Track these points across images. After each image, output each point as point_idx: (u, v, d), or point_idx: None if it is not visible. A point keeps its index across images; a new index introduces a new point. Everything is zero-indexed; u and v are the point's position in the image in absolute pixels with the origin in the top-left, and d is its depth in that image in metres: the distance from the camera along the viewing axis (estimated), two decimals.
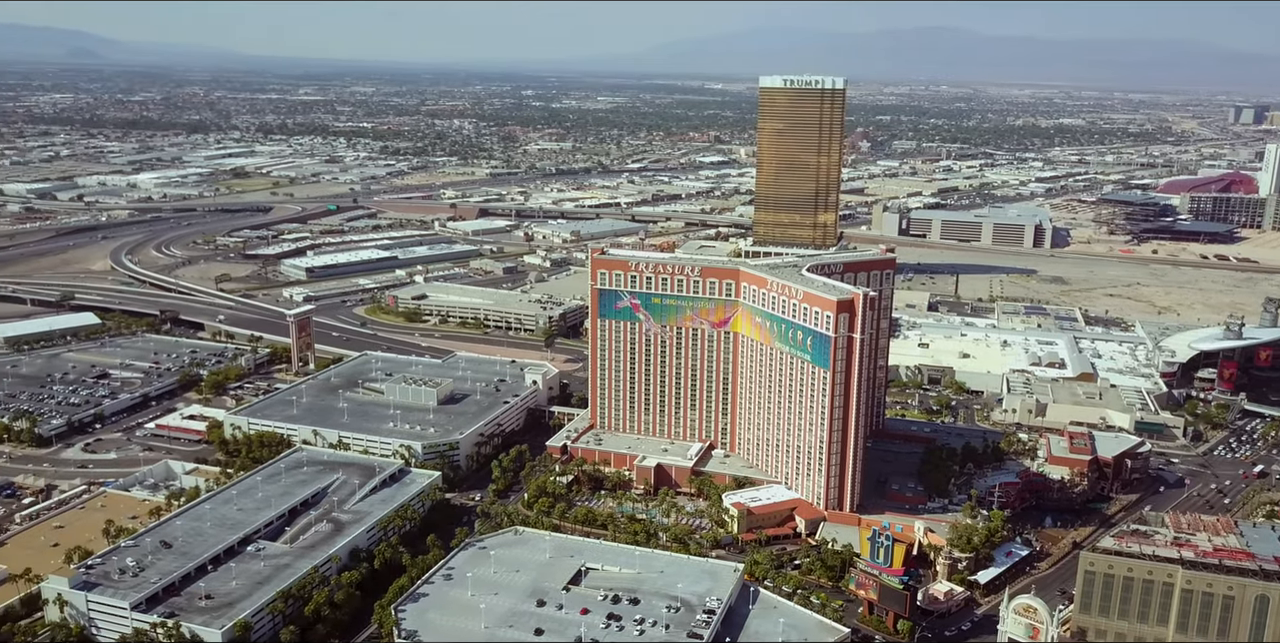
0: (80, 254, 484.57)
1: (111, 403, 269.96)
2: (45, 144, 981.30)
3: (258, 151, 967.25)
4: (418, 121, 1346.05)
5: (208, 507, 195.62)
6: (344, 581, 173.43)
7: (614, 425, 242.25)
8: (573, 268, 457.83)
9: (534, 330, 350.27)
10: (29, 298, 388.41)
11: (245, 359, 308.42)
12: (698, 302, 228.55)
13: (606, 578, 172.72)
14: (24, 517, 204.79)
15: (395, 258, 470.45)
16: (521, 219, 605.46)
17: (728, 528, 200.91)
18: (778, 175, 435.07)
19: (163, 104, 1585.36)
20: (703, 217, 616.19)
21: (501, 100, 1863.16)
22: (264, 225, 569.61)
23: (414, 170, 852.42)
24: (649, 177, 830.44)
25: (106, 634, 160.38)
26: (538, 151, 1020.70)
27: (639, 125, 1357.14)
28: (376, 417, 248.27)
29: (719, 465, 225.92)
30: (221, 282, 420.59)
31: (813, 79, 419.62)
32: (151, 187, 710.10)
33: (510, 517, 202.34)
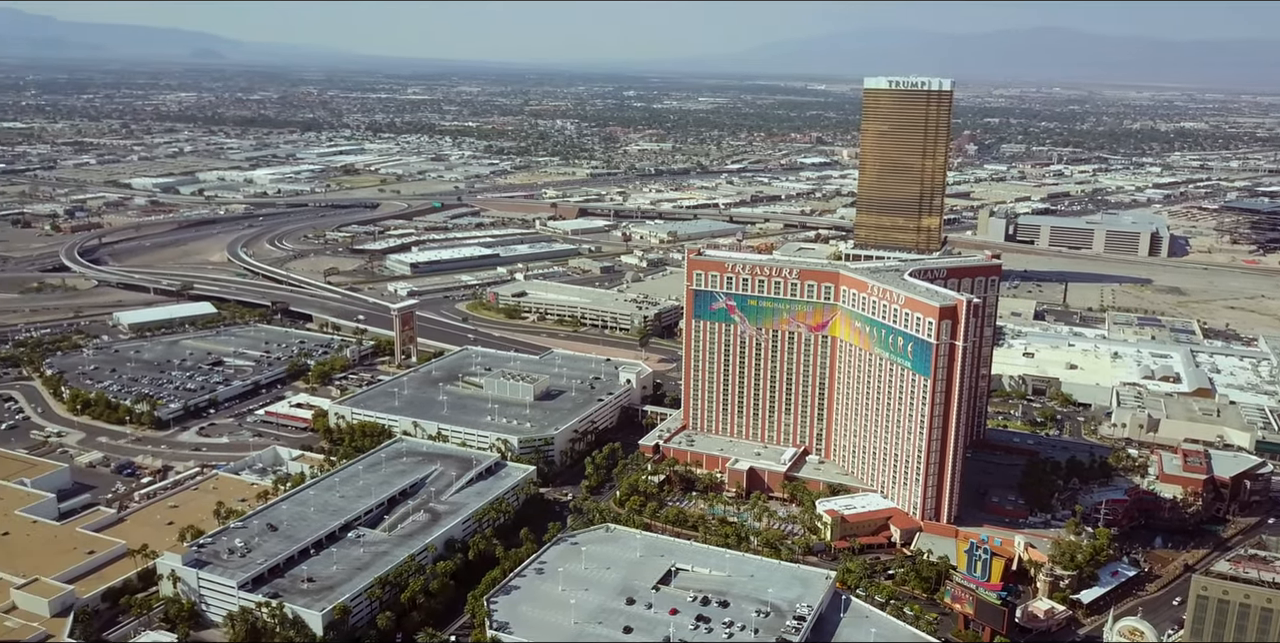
0: (199, 246, 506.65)
1: (225, 389, 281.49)
2: (170, 141, 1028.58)
3: (367, 149, 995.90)
4: (521, 121, 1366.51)
5: (312, 493, 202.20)
6: (439, 570, 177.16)
7: (707, 427, 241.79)
8: (669, 268, 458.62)
9: (629, 330, 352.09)
10: (152, 287, 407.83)
11: (350, 351, 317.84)
12: (795, 305, 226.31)
13: (696, 579, 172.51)
14: (143, 495, 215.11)
15: (497, 255, 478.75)
16: (620, 219, 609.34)
17: (820, 535, 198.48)
18: (881, 178, 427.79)
19: (279, 103, 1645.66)
20: (802, 218, 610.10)
21: (604, 101, 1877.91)
22: (371, 221, 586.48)
23: (516, 170, 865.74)
24: (748, 177, 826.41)
25: (215, 611, 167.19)
26: (638, 152, 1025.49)
27: (740, 126, 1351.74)
28: (475, 410, 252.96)
29: (813, 472, 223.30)
30: (330, 275, 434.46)
31: (919, 80, 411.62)
32: (267, 182, 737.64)
33: (602, 514, 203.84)
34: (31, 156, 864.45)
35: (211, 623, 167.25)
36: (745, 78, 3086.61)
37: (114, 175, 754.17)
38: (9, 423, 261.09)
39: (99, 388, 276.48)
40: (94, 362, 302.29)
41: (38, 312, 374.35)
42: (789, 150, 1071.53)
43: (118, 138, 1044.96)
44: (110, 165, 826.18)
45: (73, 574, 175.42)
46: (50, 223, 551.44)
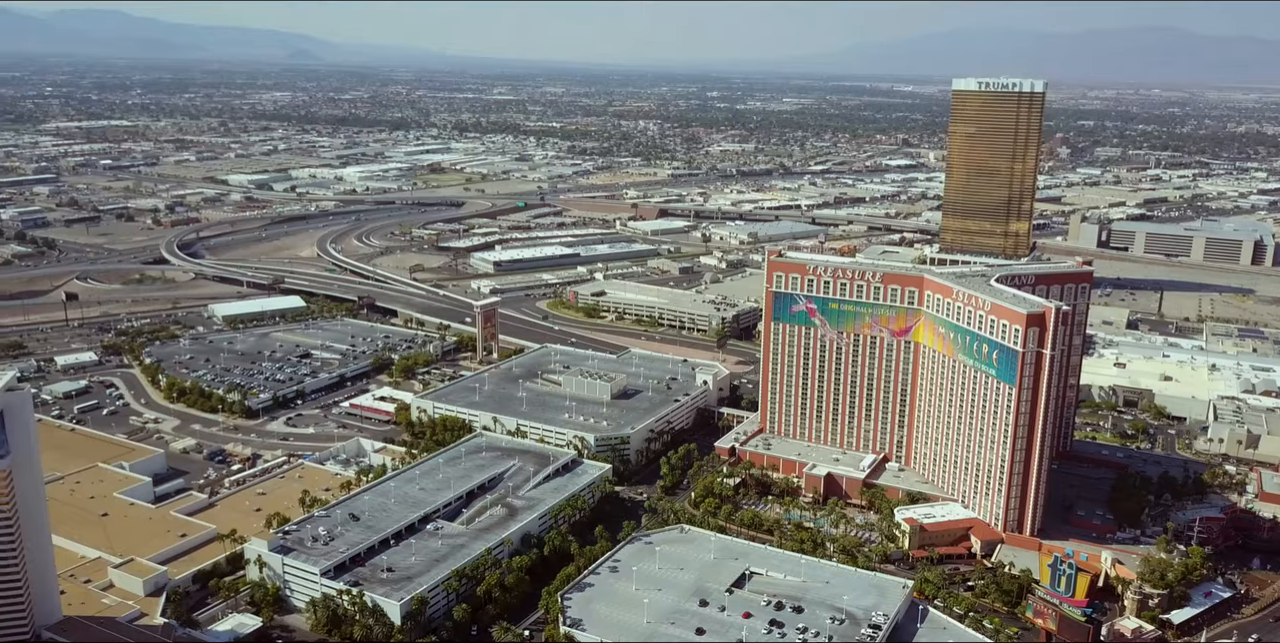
0: (291, 241, 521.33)
1: (312, 381, 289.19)
2: (265, 139, 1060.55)
3: (453, 148, 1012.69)
4: (604, 122, 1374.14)
5: (393, 484, 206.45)
6: (515, 565, 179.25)
7: (784, 431, 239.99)
8: (749, 270, 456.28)
9: (707, 331, 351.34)
10: (245, 280, 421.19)
11: (434, 346, 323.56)
12: (877, 309, 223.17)
13: (770, 584, 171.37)
14: (232, 482, 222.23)
15: (577, 255, 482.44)
16: (700, 220, 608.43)
17: (898, 543, 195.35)
18: (968, 181, 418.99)
19: (370, 102, 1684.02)
20: (886, 221, 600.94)
21: (686, 102, 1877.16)
22: (456, 219, 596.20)
23: (599, 170, 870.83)
24: (832, 179, 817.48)
25: (299, 597, 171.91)
26: (720, 153, 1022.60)
27: (824, 127, 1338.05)
28: (553, 407, 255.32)
29: (892, 479, 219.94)
30: (415, 272, 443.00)
31: (1010, 81, 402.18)
32: (356, 180, 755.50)
33: (677, 514, 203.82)
34: (136, 154, 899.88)
35: (295, 608, 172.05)
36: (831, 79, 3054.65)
37: (212, 172, 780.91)
38: (110, 408, 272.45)
39: (194, 377, 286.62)
40: (189, 352, 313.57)
41: (139, 302, 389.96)
42: (874, 152, 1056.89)
43: (216, 136, 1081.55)
44: (209, 162, 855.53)
45: (166, 556, 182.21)
46: (152, 217, 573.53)
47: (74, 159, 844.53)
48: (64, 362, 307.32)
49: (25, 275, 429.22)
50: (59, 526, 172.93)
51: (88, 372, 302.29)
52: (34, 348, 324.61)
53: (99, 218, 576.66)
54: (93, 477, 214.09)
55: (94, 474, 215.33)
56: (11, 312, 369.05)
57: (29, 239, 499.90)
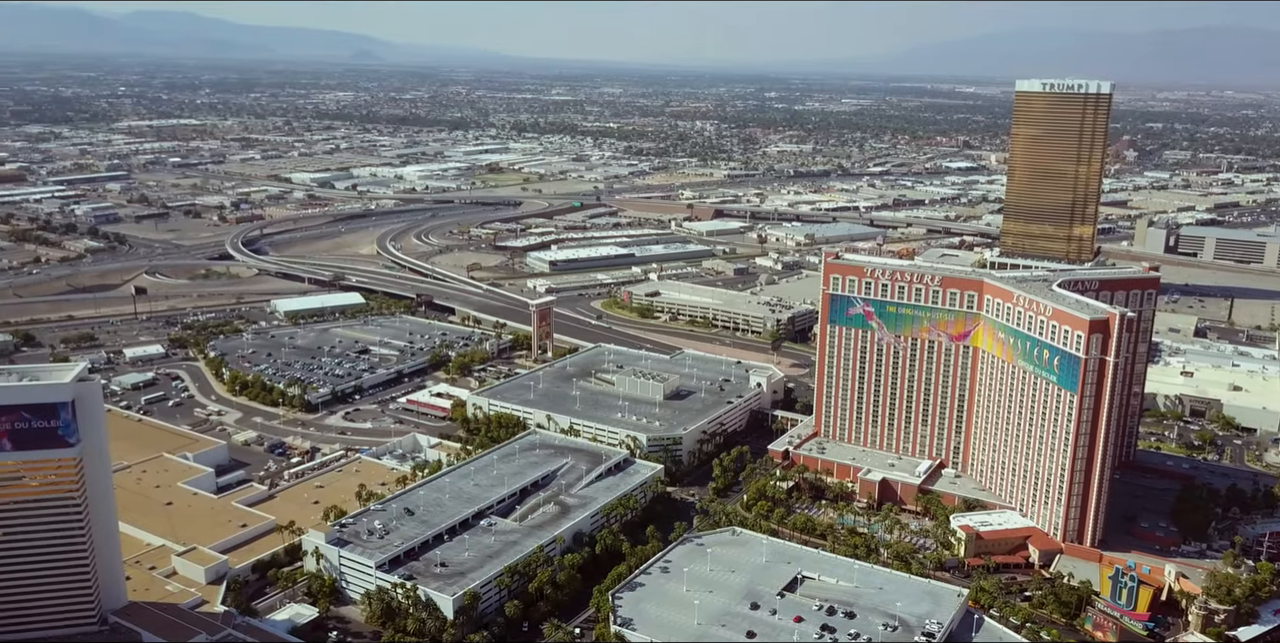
0: (351, 239, 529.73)
1: (370, 377, 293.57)
2: (328, 138, 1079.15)
3: (511, 148, 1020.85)
4: (661, 123, 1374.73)
5: (448, 480, 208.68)
6: (566, 562, 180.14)
7: (838, 435, 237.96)
8: (805, 271, 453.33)
9: (761, 332, 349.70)
10: (307, 276, 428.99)
11: (490, 344, 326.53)
12: (936, 312, 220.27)
13: (822, 588, 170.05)
14: (291, 474, 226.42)
15: (632, 255, 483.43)
16: (756, 221, 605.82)
17: (953, 551, 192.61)
18: (1031, 184, 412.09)
19: (430, 102, 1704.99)
20: (946, 224, 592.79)
21: (744, 102, 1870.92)
22: (513, 219, 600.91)
23: (655, 170, 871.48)
24: (890, 181, 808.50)
25: (354, 589, 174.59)
26: (777, 154, 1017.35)
27: (883, 128, 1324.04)
28: (606, 406, 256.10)
29: (948, 485, 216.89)
30: (472, 270, 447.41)
31: (1075, 83, 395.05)
32: (415, 179, 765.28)
33: (729, 517, 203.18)
34: (204, 152, 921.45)
35: (350, 600, 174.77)
36: (891, 80, 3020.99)
37: (276, 170, 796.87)
38: (175, 400, 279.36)
39: (256, 371, 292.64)
40: (252, 346, 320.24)
41: (204, 297, 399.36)
42: (934, 154, 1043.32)
43: (280, 135, 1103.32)
44: (273, 161, 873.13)
45: (226, 545, 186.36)
46: (218, 214, 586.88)
47: (144, 157, 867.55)
48: (132, 354, 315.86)
49: (97, 270, 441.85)
50: (125, 513, 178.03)
51: (155, 364, 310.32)
52: (104, 340, 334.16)
53: (167, 214, 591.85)
54: (158, 466, 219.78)
55: (159, 464, 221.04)
56: (84, 305, 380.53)
57: (101, 234, 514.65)
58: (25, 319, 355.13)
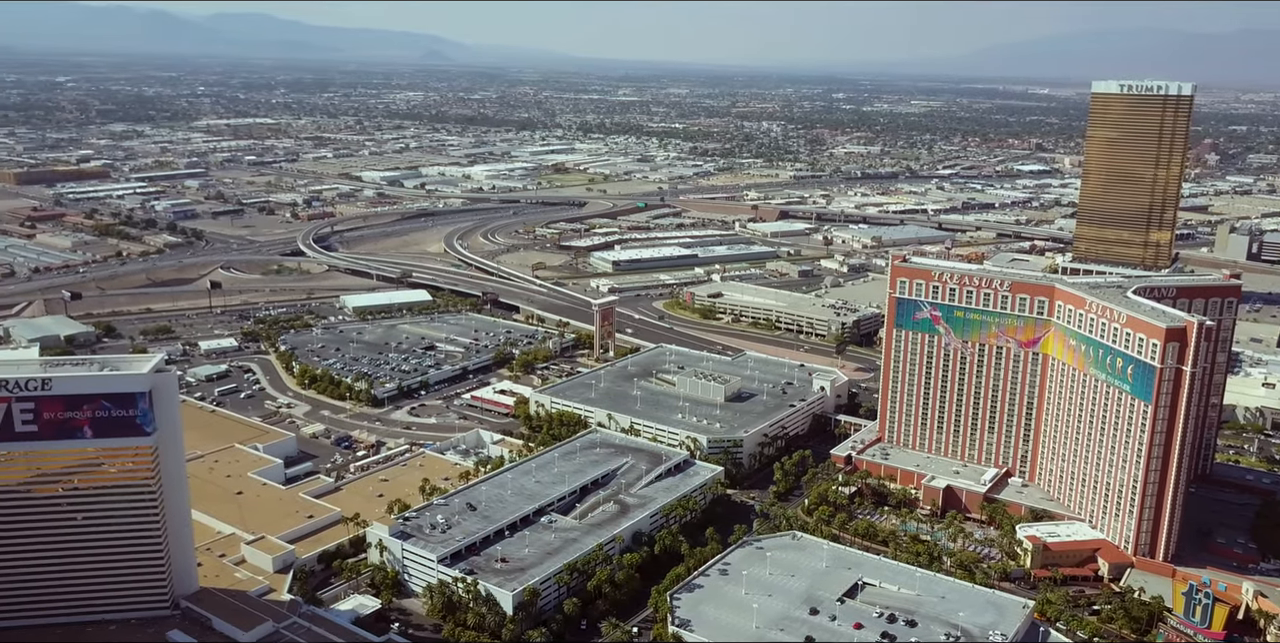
0: (419, 237, 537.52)
1: (436, 373, 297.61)
2: (398, 137, 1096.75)
3: (577, 149, 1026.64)
4: (727, 123, 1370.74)
5: (509, 476, 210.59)
6: (625, 562, 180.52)
7: (903, 441, 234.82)
8: (871, 274, 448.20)
9: (825, 336, 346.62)
10: (375, 273, 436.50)
11: (553, 342, 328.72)
12: (1005, 318, 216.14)
13: (883, 595, 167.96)
14: (357, 467, 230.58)
15: (695, 256, 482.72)
16: (822, 222, 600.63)
17: (1019, 561, 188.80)
18: (1106, 188, 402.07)
19: (498, 102, 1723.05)
20: (1017, 228, 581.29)
21: (811, 103, 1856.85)
22: (578, 219, 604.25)
23: (720, 171, 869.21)
24: (960, 183, 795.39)
25: (416, 582, 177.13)
26: (844, 155, 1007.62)
27: (953, 130, 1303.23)
28: (666, 407, 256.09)
29: (1015, 494, 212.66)
30: (537, 269, 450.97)
31: (1155, 84, 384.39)
32: (482, 178, 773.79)
33: (789, 521, 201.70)
34: (278, 150, 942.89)
35: (412, 593, 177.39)
36: (962, 81, 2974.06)
37: (347, 168, 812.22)
38: (247, 392, 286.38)
39: (324, 365, 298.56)
40: (321, 341, 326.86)
41: (276, 292, 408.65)
42: (1005, 157, 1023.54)
43: (352, 134, 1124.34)
44: (344, 159, 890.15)
45: (294, 535, 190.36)
46: (290, 211, 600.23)
47: (221, 155, 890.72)
48: (207, 346, 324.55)
49: (175, 264, 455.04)
50: (197, 501, 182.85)
51: (228, 357, 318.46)
52: (181, 333, 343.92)
53: (242, 211, 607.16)
54: (229, 457, 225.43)
55: (231, 454, 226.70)
56: (162, 298, 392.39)
57: (179, 230, 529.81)
58: (107, 311, 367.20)
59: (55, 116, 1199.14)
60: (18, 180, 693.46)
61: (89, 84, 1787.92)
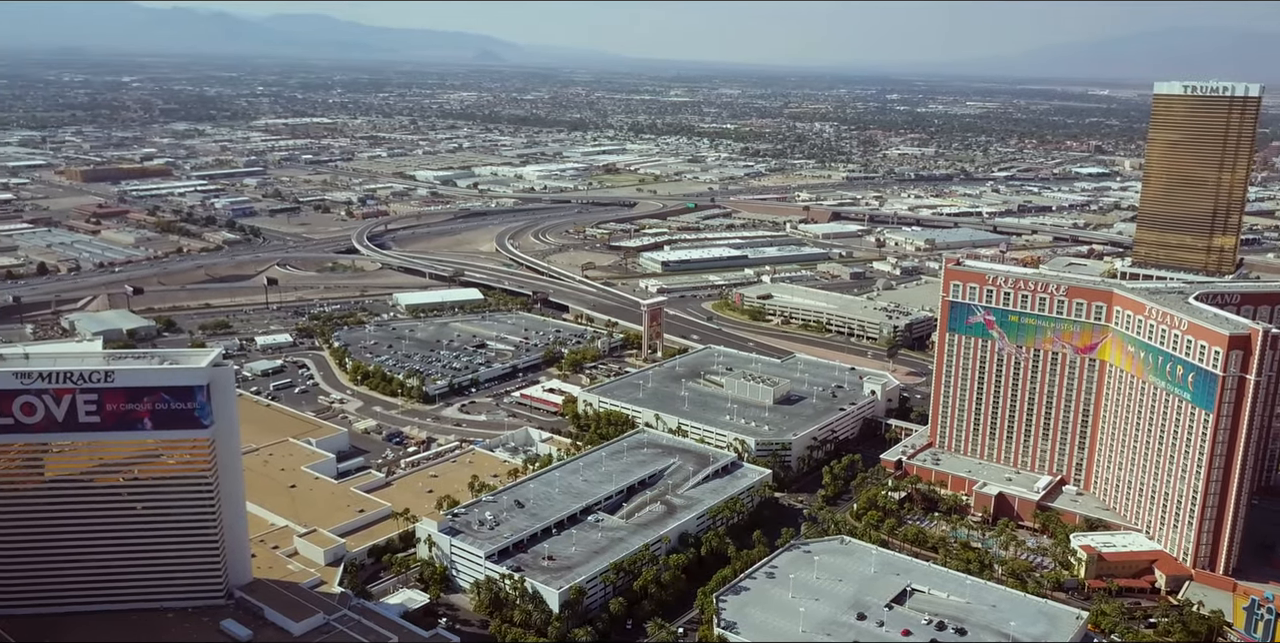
0: (471, 236, 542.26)
1: (486, 371, 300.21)
2: (451, 137, 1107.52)
3: (628, 149, 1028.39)
4: (779, 124, 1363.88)
5: (557, 474, 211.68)
6: (671, 562, 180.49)
7: (954, 446, 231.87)
8: (924, 277, 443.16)
9: (877, 339, 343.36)
10: (428, 272, 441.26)
11: (601, 342, 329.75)
12: (1061, 323, 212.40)
13: (933, 602, 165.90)
14: (408, 463, 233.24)
15: (745, 257, 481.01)
16: (874, 224, 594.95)
17: (1073, 571, 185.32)
18: (1168, 191, 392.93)
19: (550, 103, 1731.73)
20: (1074, 232, 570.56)
21: (865, 104, 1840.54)
22: (628, 219, 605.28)
23: (771, 172, 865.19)
24: (1016, 186, 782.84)
25: (464, 577, 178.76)
26: (897, 156, 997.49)
27: (1009, 132, 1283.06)
28: (714, 408, 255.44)
29: (1069, 503, 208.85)
30: (586, 269, 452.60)
31: (1220, 85, 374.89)
32: (534, 178, 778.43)
33: (837, 525, 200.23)
34: (334, 149, 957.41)
35: (460, 588, 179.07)
36: (1019, 82, 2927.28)
37: (401, 168, 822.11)
38: (301, 387, 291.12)
39: (377, 362, 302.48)
40: (374, 337, 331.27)
41: (330, 289, 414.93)
42: (1063, 159, 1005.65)
43: (406, 133, 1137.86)
44: (398, 158, 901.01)
45: (345, 529, 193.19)
46: (345, 209, 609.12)
47: (279, 153, 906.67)
48: (263, 342, 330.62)
49: (234, 260, 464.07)
50: (252, 494, 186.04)
51: (283, 352, 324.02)
52: (238, 328, 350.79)
53: (299, 208, 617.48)
54: (284, 450, 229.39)
55: (285, 448, 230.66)
56: (220, 293, 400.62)
57: (238, 227, 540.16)
58: (167, 306, 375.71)
59: (121, 116, 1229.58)
60: (84, 178, 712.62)
61: (153, 84, 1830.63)
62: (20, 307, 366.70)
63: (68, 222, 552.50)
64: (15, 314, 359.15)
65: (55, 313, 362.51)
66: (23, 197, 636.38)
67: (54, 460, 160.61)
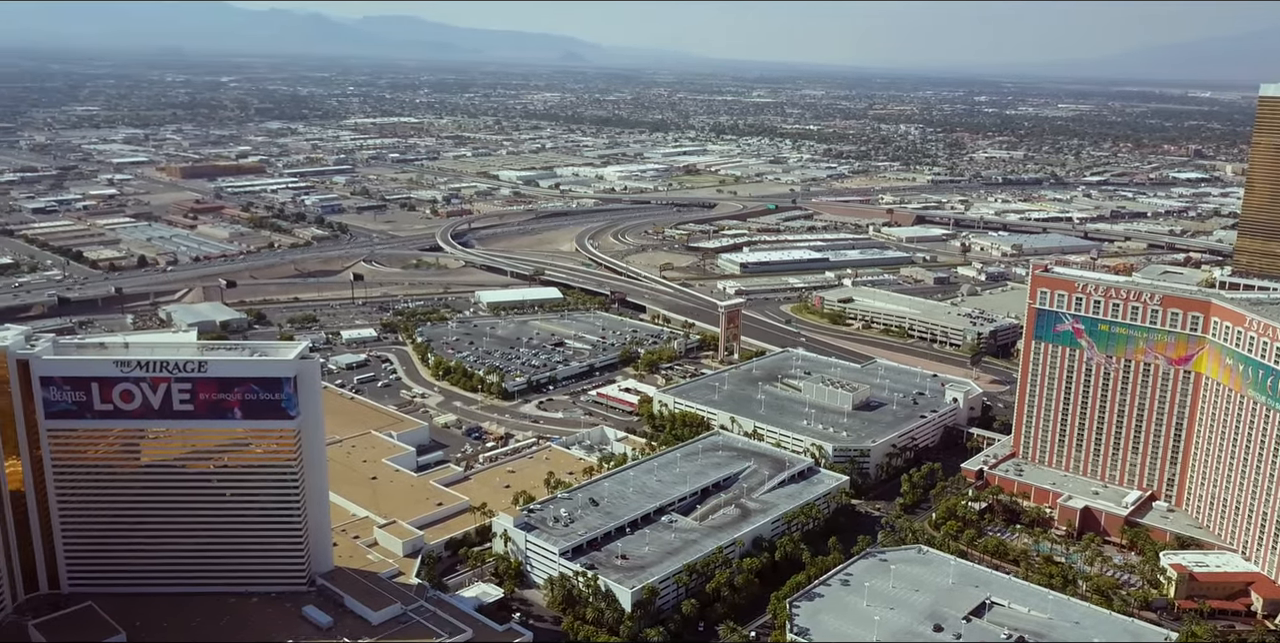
0: (552, 236, 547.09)
1: (564, 369, 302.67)
2: (534, 137, 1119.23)
3: (709, 150, 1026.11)
4: (863, 125, 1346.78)
5: (632, 474, 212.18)
6: (745, 566, 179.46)
7: (1038, 457, 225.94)
8: (1010, 283, 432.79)
9: (960, 346, 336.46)
10: (509, 270, 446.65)
11: (678, 343, 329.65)
12: (1154, 334, 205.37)
13: (1012, 616, 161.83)
14: (486, 458, 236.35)
15: (826, 259, 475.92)
16: (959, 228, 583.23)
17: (1162, 590, 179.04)
18: (1273, 198, 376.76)
19: (632, 103, 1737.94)
20: (1170, 239, 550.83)
21: (952, 106, 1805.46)
22: (707, 220, 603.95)
23: (854, 174, 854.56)
24: (1109, 191, 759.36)
25: (538, 573, 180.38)
26: (984, 160, 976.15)
27: (1103, 135, 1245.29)
28: (791, 413, 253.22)
29: (1159, 519, 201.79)
30: (665, 270, 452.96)
31: None
32: (615, 179, 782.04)
33: (915, 534, 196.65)
34: (420, 148, 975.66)
35: (534, 584, 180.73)
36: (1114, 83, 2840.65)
37: (485, 167, 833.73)
38: (384, 381, 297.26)
39: (458, 358, 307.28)
40: (456, 334, 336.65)
41: (415, 286, 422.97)
42: (1160, 163, 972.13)
43: (490, 133, 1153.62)
44: (482, 158, 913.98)
45: (423, 522, 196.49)
46: (430, 208, 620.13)
47: (367, 152, 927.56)
48: (348, 336, 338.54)
49: (322, 256, 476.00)
50: (334, 484, 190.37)
51: (367, 346, 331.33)
52: (324, 322, 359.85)
53: (385, 206, 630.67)
54: (366, 443, 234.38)
55: (367, 441, 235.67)
56: (308, 288, 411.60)
57: (326, 223, 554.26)
58: (258, 299, 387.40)
59: (218, 114, 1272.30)
60: (183, 174, 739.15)
61: (249, 84, 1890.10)
62: (122, 297, 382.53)
63: (167, 216, 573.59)
64: (117, 305, 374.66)
65: (154, 304, 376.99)
66: (125, 192, 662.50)
67: (150, 446, 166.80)
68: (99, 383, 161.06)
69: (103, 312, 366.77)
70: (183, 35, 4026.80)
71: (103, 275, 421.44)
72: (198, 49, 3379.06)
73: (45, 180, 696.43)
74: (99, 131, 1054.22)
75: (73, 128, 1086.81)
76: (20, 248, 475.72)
